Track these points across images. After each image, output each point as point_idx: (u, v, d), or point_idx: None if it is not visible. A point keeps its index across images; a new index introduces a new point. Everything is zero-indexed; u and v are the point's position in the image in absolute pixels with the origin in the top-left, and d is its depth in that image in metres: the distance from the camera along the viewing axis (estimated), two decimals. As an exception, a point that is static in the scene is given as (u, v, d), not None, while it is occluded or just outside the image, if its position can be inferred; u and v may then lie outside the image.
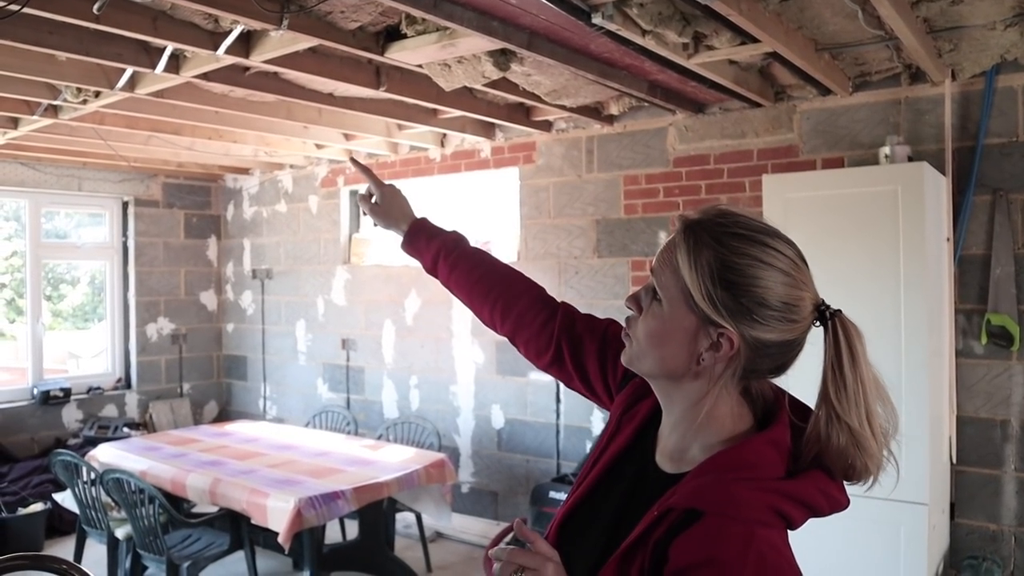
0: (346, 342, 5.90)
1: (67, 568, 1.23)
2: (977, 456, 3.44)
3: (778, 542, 0.97)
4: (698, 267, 1.00)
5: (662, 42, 2.84)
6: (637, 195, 4.47)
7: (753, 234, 1.02)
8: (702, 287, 1.00)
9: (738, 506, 0.96)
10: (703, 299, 1.00)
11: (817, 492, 1.00)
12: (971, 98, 3.46)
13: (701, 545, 0.95)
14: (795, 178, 3.49)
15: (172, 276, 6.64)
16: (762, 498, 0.97)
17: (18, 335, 6.34)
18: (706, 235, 1.02)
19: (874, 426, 1.00)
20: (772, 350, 1.02)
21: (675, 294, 1.03)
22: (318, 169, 6.09)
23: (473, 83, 3.38)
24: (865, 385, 1.00)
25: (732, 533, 0.95)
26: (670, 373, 1.06)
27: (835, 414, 0.99)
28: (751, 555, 0.93)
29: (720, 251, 1.00)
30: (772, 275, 1.00)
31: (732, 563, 0.93)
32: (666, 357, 1.05)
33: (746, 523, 0.95)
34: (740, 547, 0.94)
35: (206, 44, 2.95)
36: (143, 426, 6.22)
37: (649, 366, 1.08)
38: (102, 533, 3.94)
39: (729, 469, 1.00)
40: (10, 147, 5.06)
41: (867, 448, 1.00)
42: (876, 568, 3.02)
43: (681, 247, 1.03)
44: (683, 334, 1.03)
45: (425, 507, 4.17)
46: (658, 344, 1.05)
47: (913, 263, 3.00)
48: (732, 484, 0.98)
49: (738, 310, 1.00)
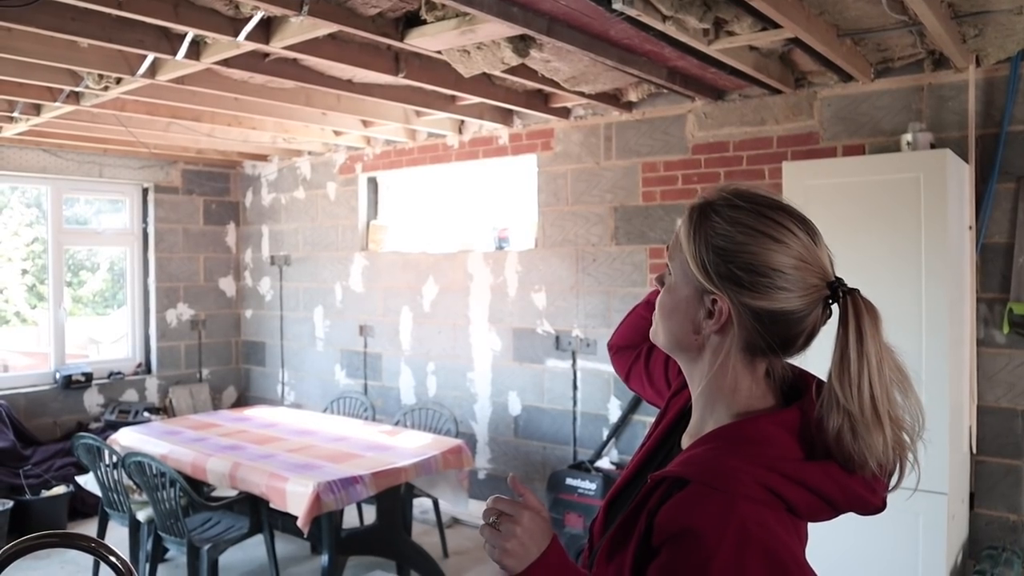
0: (364, 328, 5.92)
1: (95, 546, 1.24)
2: (997, 446, 3.42)
3: (769, 520, 0.93)
4: (696, 237, 1.04)
5: (682, 28, 2.82)
6: (655, 182, 4.45)
7: (752, 205, 1.03)
8: (696, 255, 1.03)
9: (722, 476, 0.94)
10: (697, 267, 1.03)
11: (827, 480, 0.96)
12: (995, 84, 3.41)
13: (679, 513, 0.94)
14: (815, 165, 3.46)
15: (191, 262, 6.69)
16: (752, 472, 0.95)
17: (40, 321, 6.42)
18: (709, 208, 1.05)
19: (881, 414, 0.95)
20: (767, 320, 1.00)
21: (678, 266, 1.08)
22: (336, 156, 6.11)
23: (492, 69, 3.37)
24: (872, 369, 0.95)
25: (711, 502, 0.93)
26: (678, 345, 1.10)
27: (835, 397, 0.96)
28: (730, 527, 0.90)
29: (716, 220, 1.03)
30: (763, 241, 1.00)
31: (709, 534, 0.91)
32: (673, 328, 1.09)
33: (728, 494, 0.93)
34: (717, 518, 0.91)
35: (226, 30, 2.96)
36: (163, 411, 6.29)
37: (663, 339, 1.13)
38: (124, 515, 3.99)
39: (727, 441, 1.01)
40: (32, 134, 5.11)
41: (865, 438, 0.94)
42: (894, 557, 3.01)
43: (687, 221, 1.07)
44: (685, 304, 1.07)
45: (442, 493, 4.19)
46: (667, 316, 1.10)
47: (935, 251, 2.97)
48: (723, 455, 0.98)
49: (729, 276, 1.01)
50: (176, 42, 3.20)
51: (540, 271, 4.95)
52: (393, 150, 5.70)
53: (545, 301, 4.93)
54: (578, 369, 4.78)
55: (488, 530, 1.04)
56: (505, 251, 5.17)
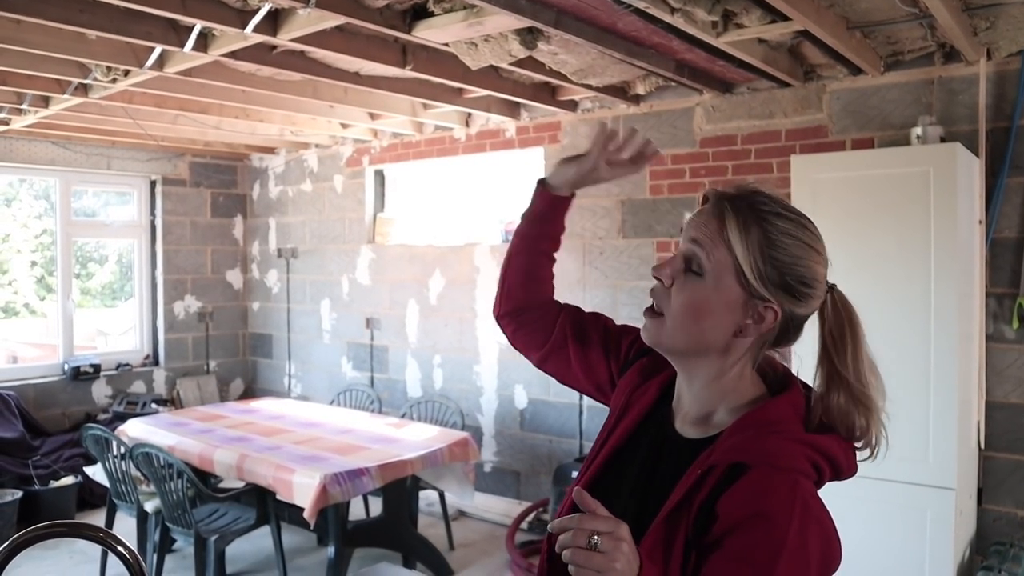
0: (370, 321, 5.93)
1: (103, 536, 1.25)
2: (1006, 442, 3.40)
3: (816, 493, 1.01)
4: (749, 244, 1.05)
5: (691, 20, 2.81)
6: (663, 175, 4.44)
7: (793, 216, 1.08)
8: (753, 264, 1.05)
9: (781, 455, 1.01)
10: (754, 275, 1.05)
11: (840, 450, 1.05)
12: (1007, 78, 3.38)
13: (749, 498, 0.97)
14: (824, 159, 3.44)
15: (199, 255, 6.70)
16: (799, 449, 1.02)
17: (49, 312, 6.45)
18: (752, 213, 1.06)
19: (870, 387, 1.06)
20: (796, 323, 1.10)
21: (723, 268, 1.07)
22: (343, 148, 6.10)
23: (499, 62, 3.36)
24: (861, 349, 1.07)
25: (778, 483, 0.98)
26: (706, 346, 1.09)
27: (836, 371, 1.05)
28: (797, 504, 0.97)
29: (768, 229, 1.05)
30: (811, 256, 1.07)
31: (779, 514, 0.96)
32: (706, 330, 1.08)
33: (789, 472, 1.00)
34: (786, 496, 0.97)
35: (234, 22, 2.96)
36: (170, 402, 6.32)
37: (683, 340, 1.10)
38: (132, 506, 4.01)
39: (763, 425, 1.04)
40: (41, 126, 5.12)
41: (867, 404, 1.05)
42: (902, 553, 3.01)
43: (732, 223, 1.06)
44: (727, 307, 1.07)
45: (448, 485, 4.19)
46: (698, 317, 1.08)
47: (944, 246, 2.95)
48: (770, 437, 1.02)
49: (783, 286, 1.06)
50: (184, 34, 3.20)
51: (547, 264, 4.93)
52: (400, 143, 5.69)
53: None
54: (585, 363, 4.76)
55: (586, 555, 0.89)
56: (512, 244, 5.16)
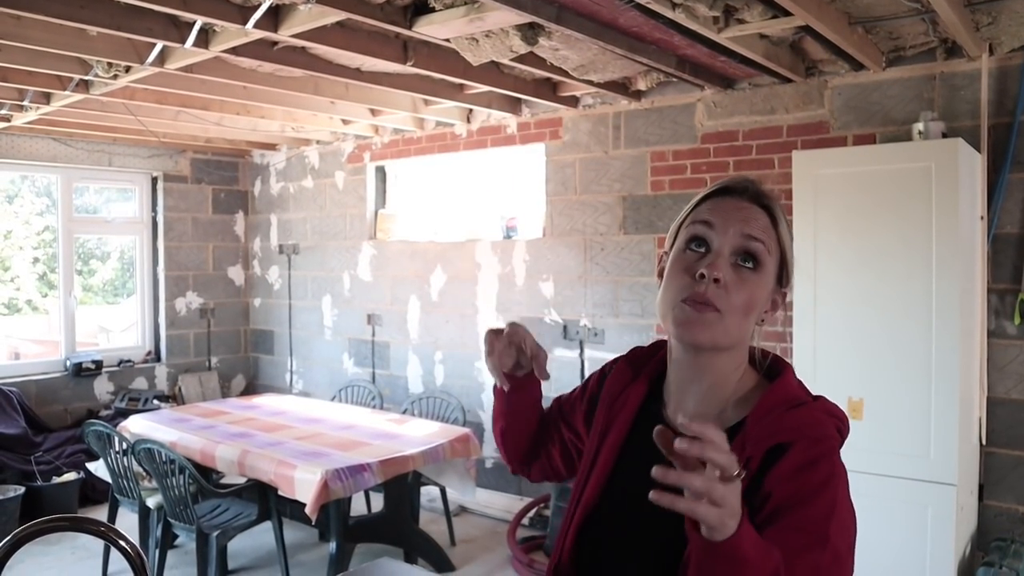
0: (372, 317, 5.94)
1: (105, 530, 1.25)
2: (1007, 438, 3.40)
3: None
4: (791, 237, 1.13)
5: (692, 15, 2.80)
6: (664, 171, 4.43)
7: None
8: (791, 256, 1.12)
9: (815, 427, 1.02)
10: (791, 267, 1.12)
11: (842, 411, 1.08)
12: (1009, 73, 3.38)
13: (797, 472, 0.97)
14: (826, 154, 3.44)
15: (200, 251, 6.71)
16: (824, 418, 1.05)
17: (51, 309, 6.46)
18: (778, 205, 1.12)
19: None
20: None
21: (772, 262, 1.10)
22: (344, 145, 6.10)
23: (500, 58, 3.36)
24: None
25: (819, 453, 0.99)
26: (739, 340, 1.09)
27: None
28: (837, 469, 1.00)
29: (785, 224, 1.12)
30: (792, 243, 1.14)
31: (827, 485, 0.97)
32: (748, 325, 1.09)
33: (825, 440, 1.02)
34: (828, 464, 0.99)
35: (235, 18, 2.96)
36: (172, 398, 6.32)
37: (737, 335, 1.08)
38: (134, 502, 4.01)
39: (785, 404, 1.05)
40: (42, 123, 5.12)
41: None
42: (903, 548, 3.01)
43: (780, 216, 1.11)
44: (765, 299, 1.10)
45: (449, 481, 4.20)
46: (750, 311, 1.08)
47: (946, 241, 2.95)
48: (796, 412, 1.04)
49: (787, 274, 1.12)
50: (185, 30, 3.20)
51: (548, 260, 4.95)
52: (401, 139, 5.69)
53: (553, 290, 4.93)
54: (585, 358, 4.77)
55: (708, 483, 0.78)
56: (513, 240, 5.17)
